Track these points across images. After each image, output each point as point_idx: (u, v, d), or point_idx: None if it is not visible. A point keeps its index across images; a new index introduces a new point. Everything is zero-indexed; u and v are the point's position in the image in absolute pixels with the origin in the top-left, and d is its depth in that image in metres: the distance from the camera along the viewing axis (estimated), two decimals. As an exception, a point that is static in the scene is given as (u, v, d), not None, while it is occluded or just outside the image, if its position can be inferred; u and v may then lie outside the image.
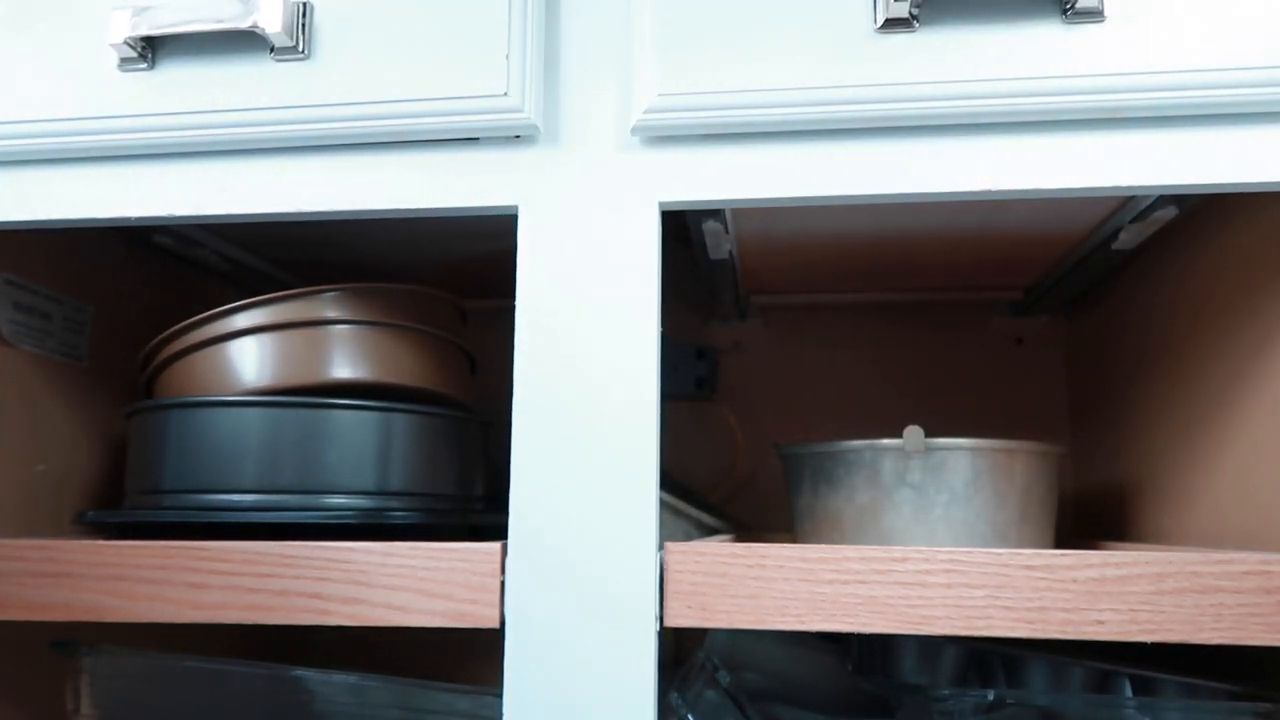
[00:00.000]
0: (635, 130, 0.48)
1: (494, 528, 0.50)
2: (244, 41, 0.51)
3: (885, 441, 0.58)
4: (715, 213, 0.60)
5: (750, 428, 0.90)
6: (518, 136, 0.50)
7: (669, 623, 0.45)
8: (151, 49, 0.51)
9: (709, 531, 0.70)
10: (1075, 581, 0.44)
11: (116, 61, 0.52)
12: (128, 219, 0.52)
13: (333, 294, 0.61)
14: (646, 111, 0.47)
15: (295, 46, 0.50)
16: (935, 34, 0.46)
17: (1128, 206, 0.61)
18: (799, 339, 0.91)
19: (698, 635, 0.72)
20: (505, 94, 0.48)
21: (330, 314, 0.60)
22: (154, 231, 0.69)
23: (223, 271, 0.79)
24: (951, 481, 0.57)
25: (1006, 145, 0.46)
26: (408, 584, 0.46)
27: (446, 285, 0.86)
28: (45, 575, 0.49)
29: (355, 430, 0.57)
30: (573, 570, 0.46)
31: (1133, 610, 0.43)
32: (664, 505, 0.66)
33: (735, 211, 0.62)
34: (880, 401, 0.90)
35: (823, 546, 0.45)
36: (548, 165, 0.49)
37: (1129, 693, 0.52)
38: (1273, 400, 0.53)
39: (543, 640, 0.46)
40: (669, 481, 0.86)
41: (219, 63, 0.51)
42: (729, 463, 0.90)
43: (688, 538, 0.68)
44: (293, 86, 0.50)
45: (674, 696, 0.57)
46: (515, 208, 0.49)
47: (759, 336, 0.92)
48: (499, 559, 0.46)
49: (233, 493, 0.55)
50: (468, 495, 0.63)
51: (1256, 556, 0.43)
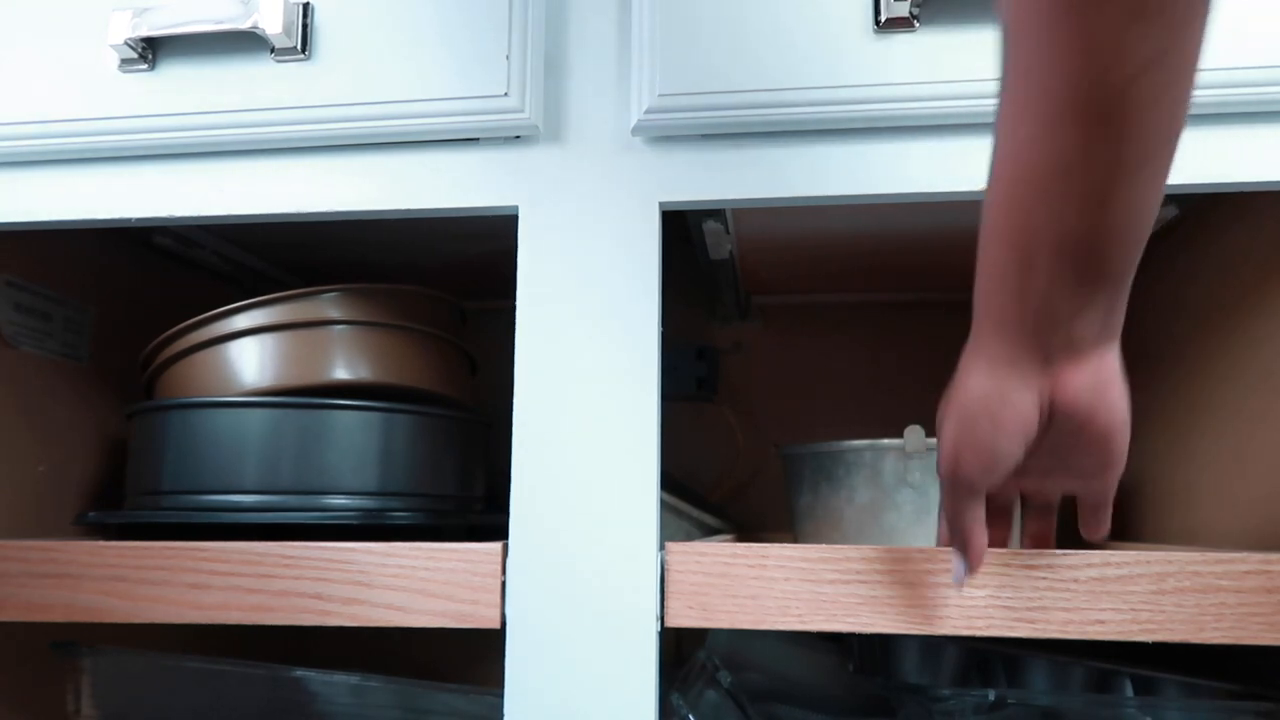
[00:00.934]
0: (635, 130, 0.48)
1: (494, 528, 0.50)
2: (244, 42, 0.51)
3: (886, 441, 0.58)
4: (715, 213, 0.60)
5: (750, 428, 0.90)
6: (518, 137, 0.50)
7: (670, 623, 0.46)
8: (152, 50, 0.51)
9: (710, 532, 0.70)
10: (1076, 581, 0.44)
11: (117, 62, 0.52)
12: (128, 220, 0.52)
13: (333, 294, 0.61)
14: (647, 112, 0.47)
15: (295, 47, 0.50)
16: (935, 34, 0.46)
17: (1128, 206, 0.60)
18: (799, 339, 0.91)
19: (698, 635, 0.72)
20: (506, 94, 0.48)
21: (331, 314, 0.60)
22: (154, 232, 0.69)
23: (223, 272, 0.79)
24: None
25: (1007, 145, 0.46)
26: (408, 584, 0.46)
27: (447, 285, 0.86)
28: (46, 576, 0.49)
29: (355, 431, 0.57)
30: (573, 570, 0.46)
31: (1134, 610, 0.43)
32: (664, 505, 0.66)
33: (735, 211, 0.62)
34: (880, 401, 0.89)
35: (824, 546, 0.45)
36: (548, 166, 0.49)
37: (1130, 692, 0.52)
38: (1273, 400, 0.53)
39: (543, 640, 0.46)
40: (669, 481, 0.86)
41: (219, 63, 0.51)
42: (729, 463, 0.90)
43: (688, 538, 0.68)
44: (293, 87, 0.50)
45: (675, 697, 0.57)
46: (515, 208, 0.49)
47: (759, 337, 0.92)
48: (499, 559, 0.46)
49: (233, 493, 0.55)
50: (468, 495, 0.63)
51: (1257, 556, 0.43)
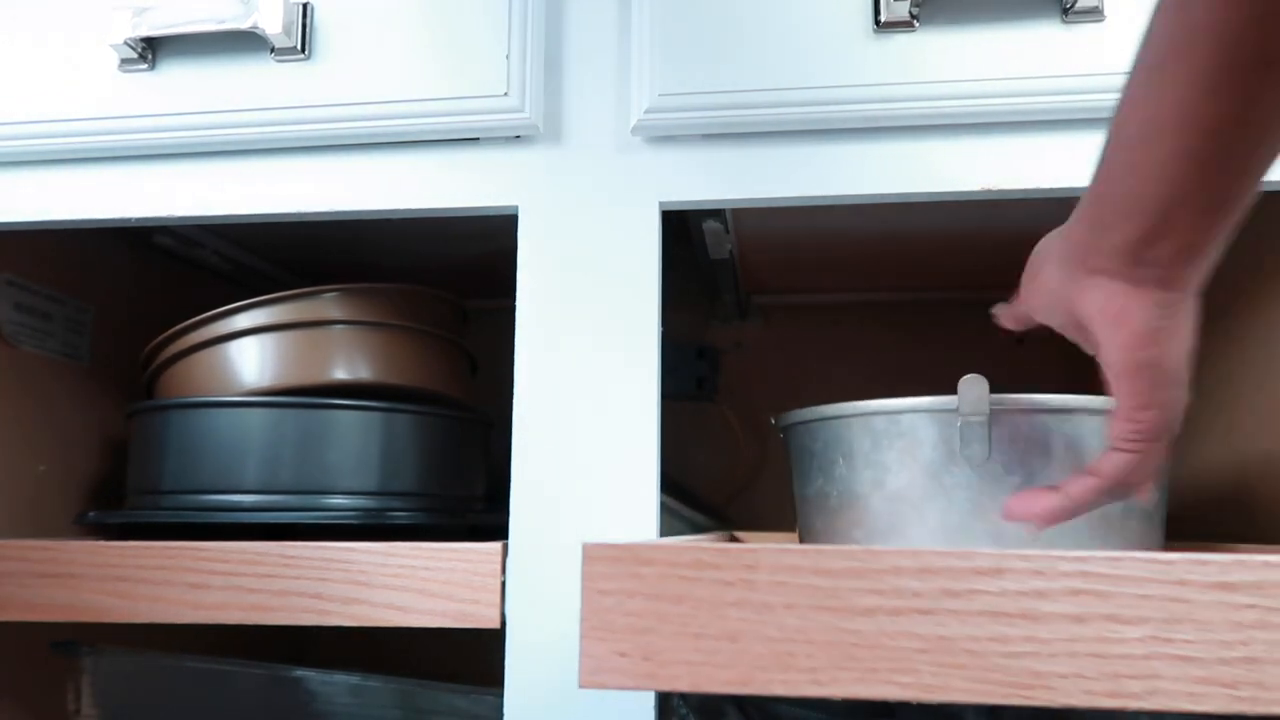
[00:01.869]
0: (635, 130, 0.48)
1: (494, 528, 0.50)
2: (244, 42, 0.51)
3: (929, 400, 0.44)
4: (716, 213, 0.60)
5: (750, 428, 0.90)
6: (518, 137, 0.50)
7: (584, 683, 0.30)
8: (152, 50, 0.51)
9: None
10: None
11: (117, 62, 0.52)
12: (128, 219, 0.52)
13: (333, 294, 0.60)
14: (647, 112, 0.47)
15: (295, 47, 0.50)
16: (935, 34, 0.46)
17: (1128, 206, 0.60)
18: (799, 339, 0.91)
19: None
20: (506, 94, 0.48)
21: (331, 314, 0.60)
22: (155, 232, 0.69)
23: (223, 272, 0.79)
24: (1027, 455, 0.42)
25: (1006, 145, 0.46)
26: (408, 584, 0.46)
27: (447, 285, 0.86)
28: (46, 576, 0.49)
29: (356, 430, 0.57)
30: (573, 570, 0.46)
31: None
32: (663, 507, 0.66)
33: (735, 211, 0.62)
34: (881, 401, 0.89)
35: (853, 549, 0.29)
36: (548, 165, 0.49)
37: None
38: (1273, 399, 0.53)
39: (543, 640, 0.46)
40: (668, 482, 0.86)
41: (219, 63, 0.51)
42: (729, 463, 0.90)
43: (688, 538, 0.68)
44: (293, 87, 0.50)
45: (674, 696, 0.57)
46: (516, 208, 0.49)
47: (759, 336, 0.92)
48: (499, 559, 0.46)
49: (233, 493, 0.55)
50: (468, 495, 0.63)
51: None
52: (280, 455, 0.56)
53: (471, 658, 0.90)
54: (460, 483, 0.62)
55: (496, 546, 0.46)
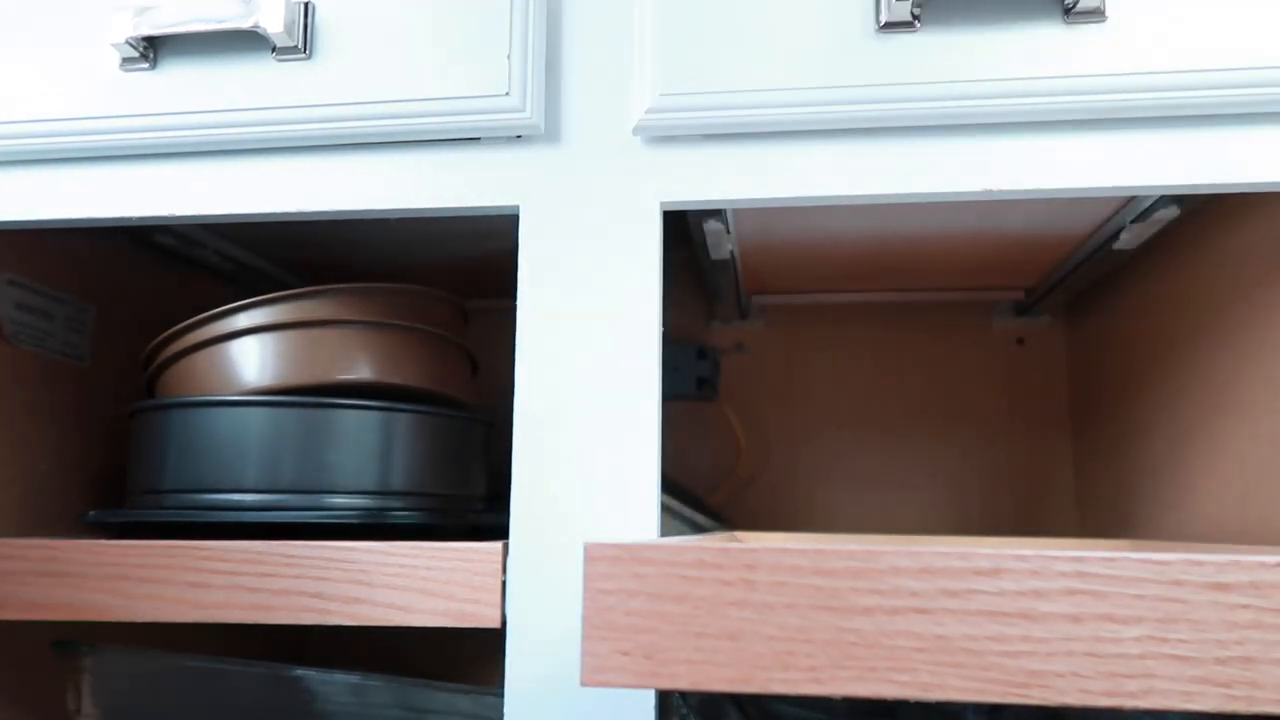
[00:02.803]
0: (636, 130, 0.48)
1: (495, 528, 0.50)
2: (245, 41, 0.51)
3: None
4: (717, 213, 0.60)
5: (751, 428, 0.90)
6: (519, 136, 0.50)
7: (587, 682, 0.30)
8: (153, 49, 0.51)
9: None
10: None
11: (118, 61, 0.52)
12: (129, 219, 0.52)
13: (334, 294, 0.61)
14: (648, 111, 0.47)
15: (297, 46, 0.50)
16: (936, 34, 0.46)
17: (1129, 206, 0.61)
18: (800, 339, 0.91)
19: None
20: (507, 94, 0.48)
21: (332, 314, 0.60)
22: (155, 231, 0.69)
23: (224, 271, 0.79)
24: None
25: (1007, 145, 0.46)
26: (409, 584, 0.46)
27: (448, 285, 0.86)
28: (47, 575, 0.49)
29: (356, 430, 0.57)
30: (574, 570, 0.46)
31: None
32: (664, 508, 0.66)
33: (737, 211, 0.62)
34: (882, 402, 0.89)
35: (854, 549, 0.29)
36: (549, 165, 0.49)
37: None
38: (1274, 400, 0.53)
39: (543, 640, 0.46)
40: (668, 482, 0.86)
41: (220, 62, 0.51)
42: (730, 464, 0.90)
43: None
44: (294, 86, 0.50)
45: (674, 695, 0.57)
46: (516, 208, 0.49)
47: (760, 337, 0.92)
48: (500, 559, 0.46)
49: (234, 492, 0.55)
50: (469, 495, 0.63)
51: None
52: (281, 455, 0.56)
53: (472, 658, 0.90)
54: (461, 482, 0.62)
55: (497, 546, 0.46)
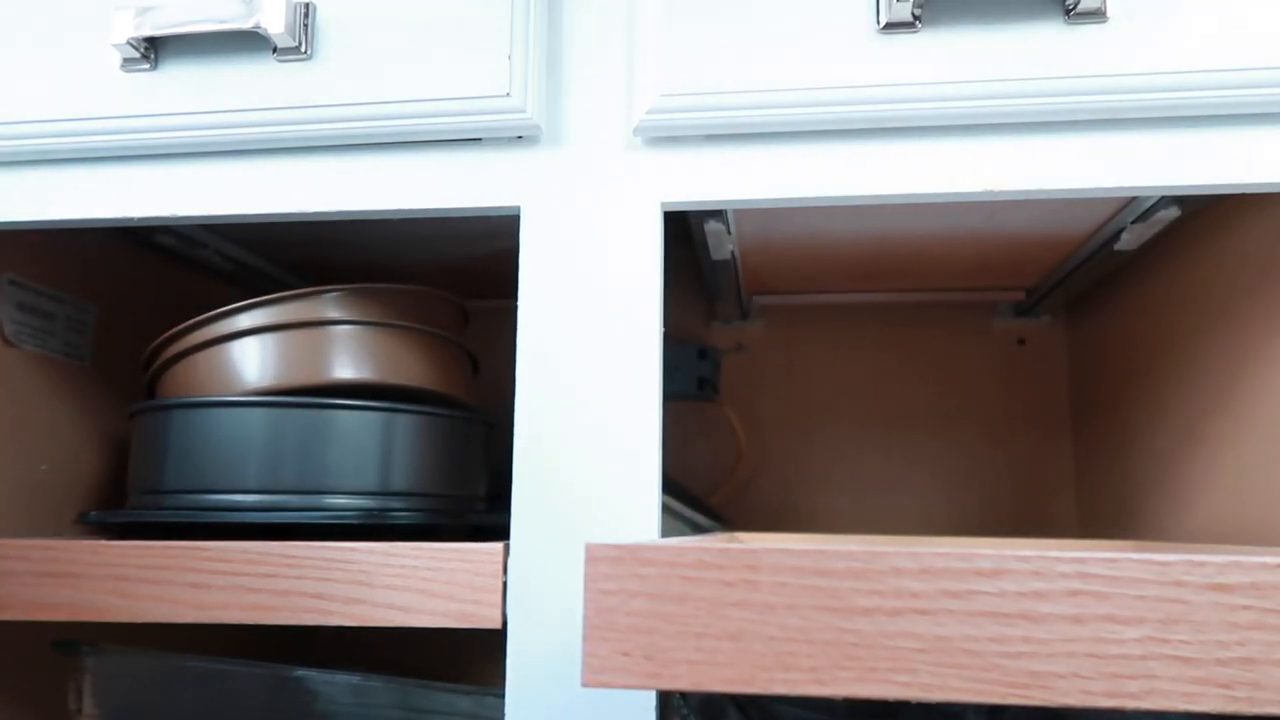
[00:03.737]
0: (638, 131, 0.48)
1: (495, 528, 0.50)
2: (246, 42, 0.51)
3: None
4: (717, 213, 0.60)
5: (752, 428, 0.90)
6: (520, 137, 0.50)
7: (588, 682, 0.30)
8: (154, 49, 0.51)
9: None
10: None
11: (119, 62, 0.52)
12: (130, 219, 0.52)
13: (335, 294, 0.61)
14: (649, 112, 0.47)
15: (298, 47, 0.50)
16: (937, 35, 0.46)
17: (1130, 207, 0.61)
18: (801, 339, 0.91)
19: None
20: (508, 94, 0.48)
21: (332, 314, 0.60)
22: (157, 232, 0.69)
23: (225, 271, 0.79)
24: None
25: (1008, 146, 0.46)
26: (410, 584, 0.46)
27: (448, 285, 0.86)
28: (47, 575, 0.49)
29: (357, 430, 0.57)
30: (574, 571, 0.46)
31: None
32: (664, 509, 0.66)
33: (737, 212, 0.62)
34: (882, 402, 0.89)
35: (854, 550, 0.29)
36: (550, 166, 0.49)
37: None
38: (1274, 400, 0.53)
39: (544, 640, 0.46)
40: (668, 482, 0.86)
41: (221, 63, 0.51)
42: (730, 464, 0.90)
43: (689, 538, 0.67)
44: (295, 87, 0.50)
45: (675, 696, 0.57)
46: (518, 208, 0.49)
47: (761, 337, 0.92)
48: (501, 559, 0.46)
49: (235, 493, 0.55)
50: (470, 495, 0.63)
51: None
52: (282, 455, 0.56)
53: (472, 658, 0.90)
54: (462, 483, 0.62)
55: (498, 547, 0.47)
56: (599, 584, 0.30)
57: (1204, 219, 0.62)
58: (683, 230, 0.71)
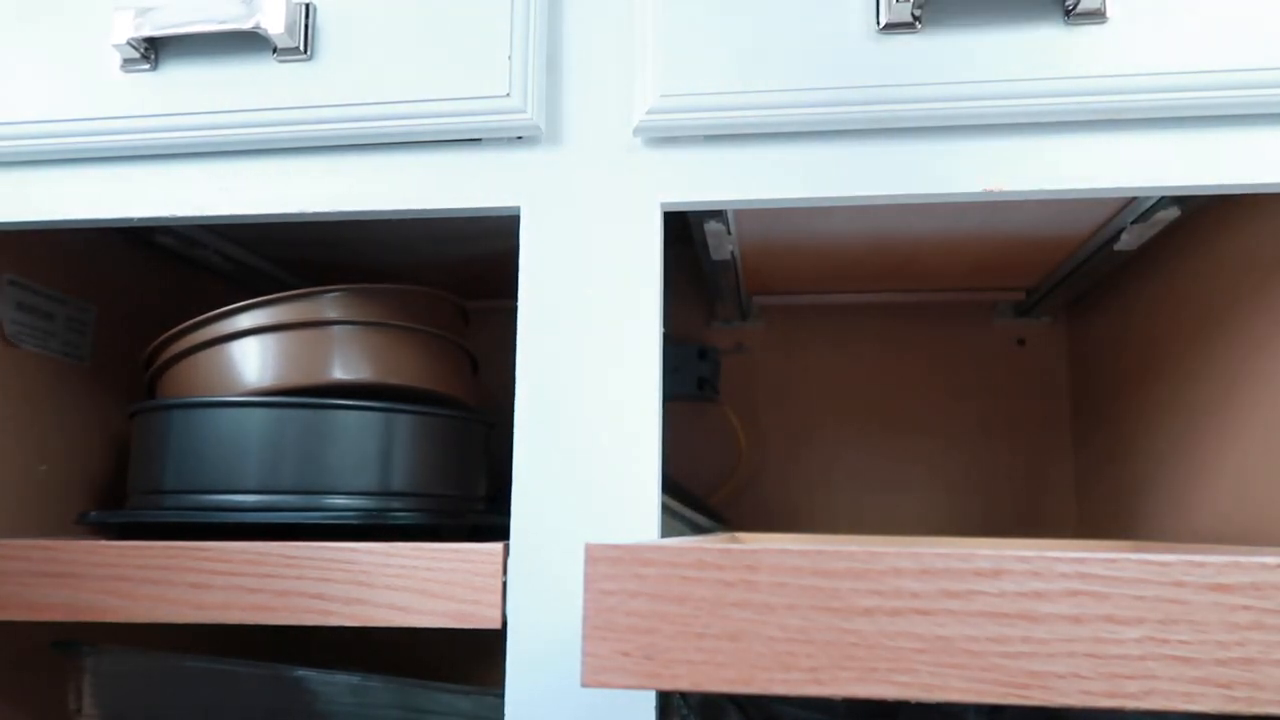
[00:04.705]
0: (637, 131, 0.48)
1: (496, 528, 0.50)
2: (247, 42, 0.51)
3: None
4: (717, 213, 0.60)
5: (752, 429, 0.90)
6: (520, 137, 0.50)
7: (587, 682, 0.30)
8: (154, 50, 0.51)
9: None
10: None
11: (119, 62, 0.52)
12: (130, 219, 0.52)
13: (335, 294, 0.61)
14: (649, 112, 0.47)
15: (298, 47, 0.50)
16: (937, 36, 0.46)
17: (1130, 207, 0.61)
18: (801, 340, 0.91)
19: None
20: (507, 95, 0.48)
21: (332, 314, 0.60)
22: (157, 232, 0.69)
23: (225, 272, 0.79)
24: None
25: (1008, 146, 0.46)
26: (410, 584, 0.46)
27: (448, 285, 0.86)
28: (47, 575, 0.49)
29: (357, 431, 0.57)
30: (574, 571, 0.46)
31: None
32: (664, 509, 0.66)
33: (737, 212, 0.62)
34: (882, 402, 0.89)
35: (854, 550, 0.29)
36: (550, 166, 0.49)
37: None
38: (1274, 400, 0.53)
39: (544, 641, 0.46)
40: (668, 482, 0.86)
41: (222, 63, 0.51)
42: (730, 464, 0.90)
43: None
44: (295, 87, 0.50)
45: (675, 696, 0.57)
46: (517, 208, 0.49)
47: (761, 337, 0.92)
48: (501, 560, 0.46)
49: (235, 493, 0.55)
50: (469, 495, 0.63)
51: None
52: (281, 455, 0.56)
53: (472, 658, 0.90)
54: (461, 483, 0.62)
55: (498, 547, 0.47)
56: (599, 584, 0.30)
57: (1204, 219, 0.62)
58: (683, 230, 0.71)
